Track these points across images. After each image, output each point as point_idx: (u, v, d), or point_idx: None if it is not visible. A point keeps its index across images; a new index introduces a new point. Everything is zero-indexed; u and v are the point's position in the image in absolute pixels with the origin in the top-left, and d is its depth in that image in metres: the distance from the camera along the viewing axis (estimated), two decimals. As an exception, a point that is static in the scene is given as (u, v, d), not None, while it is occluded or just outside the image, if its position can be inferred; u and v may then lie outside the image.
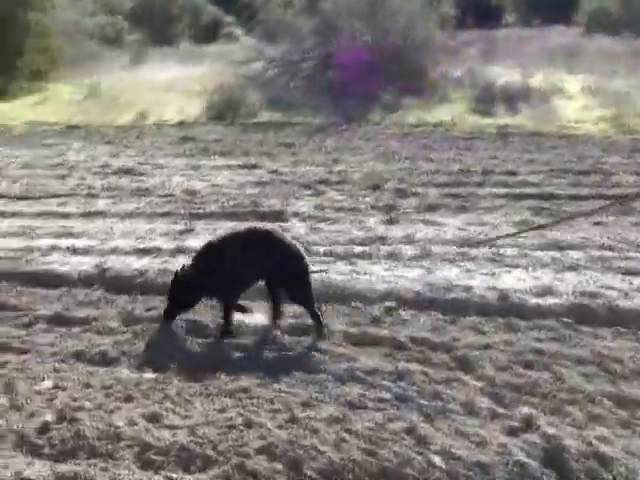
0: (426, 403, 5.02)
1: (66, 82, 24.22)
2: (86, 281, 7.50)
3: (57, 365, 5.68)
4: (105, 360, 5.80)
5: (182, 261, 7.86)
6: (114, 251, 8.42)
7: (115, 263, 7.95)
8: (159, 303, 6.69)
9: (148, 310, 6.70)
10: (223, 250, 6.03)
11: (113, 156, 14.32)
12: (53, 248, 8.57)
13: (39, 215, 10.13)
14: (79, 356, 5.85)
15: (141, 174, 12.49)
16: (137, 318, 6.53)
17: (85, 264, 7.94)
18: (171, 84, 22.55)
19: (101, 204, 10.63)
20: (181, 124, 18.12)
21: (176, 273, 6.14)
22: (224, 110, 18.95)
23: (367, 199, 10.51)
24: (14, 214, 10.17)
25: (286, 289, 6.05)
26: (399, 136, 15.58)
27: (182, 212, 10.00)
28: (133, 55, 28.52)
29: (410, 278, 7.30)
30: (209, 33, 37.78)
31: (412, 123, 17.19)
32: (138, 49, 29.87)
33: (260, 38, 27.59)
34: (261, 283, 6.26)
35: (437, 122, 17.09)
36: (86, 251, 8.47)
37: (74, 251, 8.46)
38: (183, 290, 6.08)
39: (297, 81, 22.29)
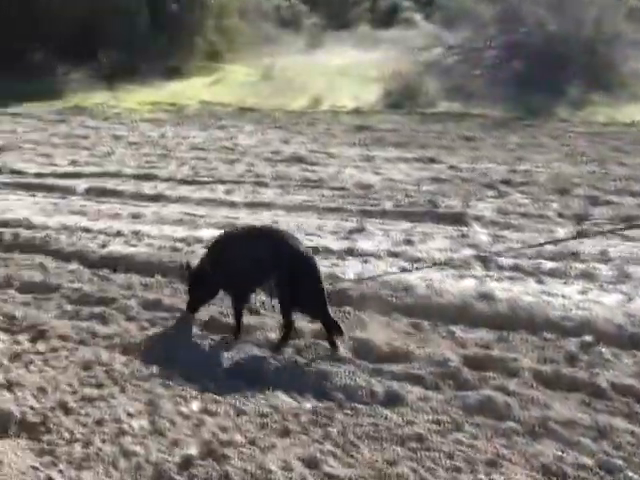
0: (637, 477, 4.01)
1: (242, 63, 24.00)
2: None
3: (207, 383, 4.97)
4: (262, 380, 5.04)
5: (351, 264, 7.15)
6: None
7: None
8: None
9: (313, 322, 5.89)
10: (227, 244, 5.78)
11: (284, 142, 13.73)
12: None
13: (204, 202, 9.59)
14: (234, 374, 5.13)
15: (312, 163, 11.77)
16: (302, 331, 5.74)
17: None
18: (346, 69, 21.88)
19: (269, 194, 9.99)
20: (356, 112, 17.31)
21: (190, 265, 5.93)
22: (401, 98, 17.99)
23: (554, 205, 9.34)
24: (178, 199, 9.70)
25: (294, 293, 5.45)
26: (587, 135, 14.08)
27: (353, 208, 9.17)
28: (309, 38, 28.01)
29: (608, 306, 6.25)
30: (387, 18, 36.86)
31: (601, 122, 15.61)
32: (315, 32, 29.35)
33: (439, 24, 26.43)
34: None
35: (629, 122, 15.41)
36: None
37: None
38: (196, 282, 5.81)
39: (478, 70, 20.97)
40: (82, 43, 20.90)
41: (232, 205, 9.46)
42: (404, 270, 6.97)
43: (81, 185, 10.21)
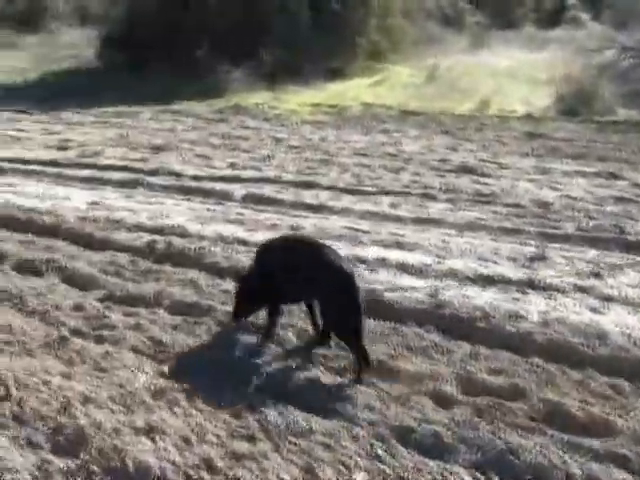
0: None
1: (405, 64, 23.25)
2: (418, 317, 5.91)
3: (376, 446, 4.18)
4: (437, 447, 4.21)
5: (534, 300, 6.25)
6: (450, 275, 6.83)
7: (451, 293, 6.34)
8: (508, 364, 5.09)
9: (495, 373, 5.04)
10: (268, 254, 5.47)
11: (451, 149, 12.90)
12: (382, 262, 7.16)
13: (367, 215, 8.89)
14: (403, 437, 4.30)
15: (483, 175, 10.87)
16: (478, 384, 4.89)
17: (418, 290, 6.40)
18: (513, 71, 20.82)
19: (437, 209, 9.17)
20: (527, 117, 16.20)
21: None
22: (575, 104, 16.71)
23: None
24: (341, 211, 9.01)
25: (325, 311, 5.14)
26: None
27: (532, 230, 8.21)
28: (473, 38, 26.89)
29: None
30: (553, 17, 35.14)
31: None
32: (478, 32, 28.17)
33: (609, 24, 24.72)
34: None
35: None
36: (418, 271, 6.95)
37: (404, 269, 6.98)
38: (242, 290, 5.48)
39: (658, 74, 19.34)
40: (244, 42, 20.76)
41: (397, 220, 8.69)
42: (595, 311, 6.04)
43: (239, 191, 9.73)
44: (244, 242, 7.64)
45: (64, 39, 28.13)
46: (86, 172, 11.01)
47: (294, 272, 5.09)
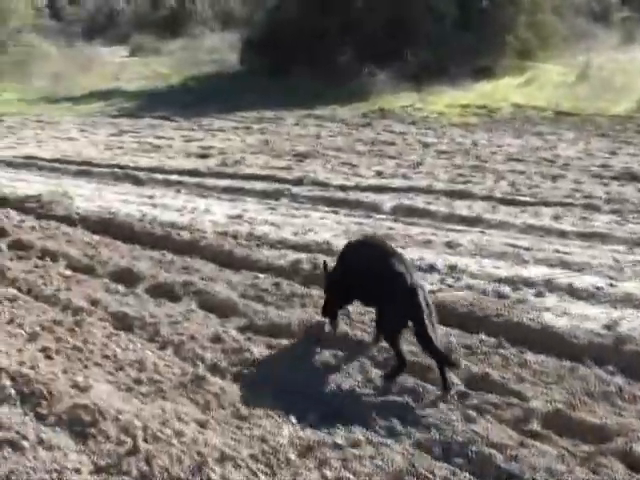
0: None
1: (554, 62, 21.92)
2: (596, 354, 4.99)
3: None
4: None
5: None
6: (626, 301, 5.90)
7: (631, 325, 5.41)
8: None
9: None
10: (347, 252, 5.50)
11: (611, 154, 11.76)
12: (548, 285, 6.29)
13: (528, 229, 7.98)
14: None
15: (649, 183, 9.75)
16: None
17: (592, 320, 5.52)
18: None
19: (602, 221, 8.19)
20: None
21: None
22: None
23: None
24: (500, 224, 8.13)
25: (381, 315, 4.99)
26: None
27: None
28: (623, 33, 25.22)
29: None
30: None
31: None
32: (629, 27, 26.38)
33: None
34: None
35: None
36: (590, 296, 6.05)
37: (573, 293, 6.10)
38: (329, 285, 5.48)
39: None
40: (388, 43, 20.11)
41: (561, 235, 7.74)
42: None
43: (388, 202, 9.01)
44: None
45: (206, 44, 28.35)
46: (227, 182, 10.60)
47: (363, 274, 5.05)
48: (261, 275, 6.58)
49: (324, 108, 17.55)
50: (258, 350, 5.12)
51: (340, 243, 7.23)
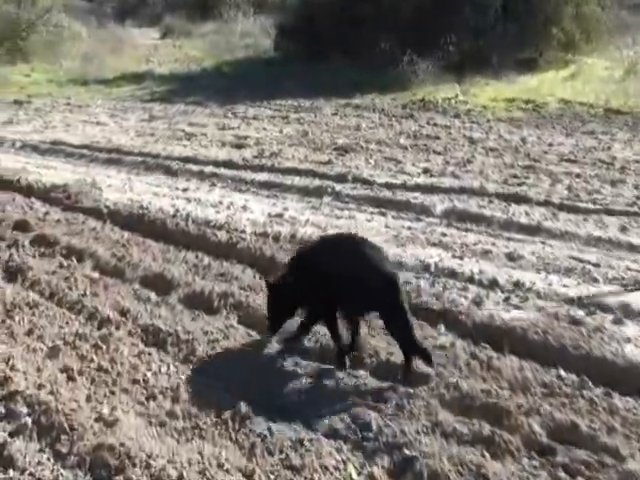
0: None
1: (598, 55, 21.04)
2: None
3: None
4: None
5: None
6: None
7: None
8: None
9: None
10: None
11: (672, 157, 10.97)
12: (625, 310, 5.61)
13: (592, 241, 7.26)
14: None
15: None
16: None
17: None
18: None
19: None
20: None
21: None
22: None
23: None
24: (563, 234, 7.42)
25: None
26: None
27: None
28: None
29: None
30: None
31: None
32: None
33: None
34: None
35: None
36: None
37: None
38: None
39: None
40: (429, 31, 19.31)
41: (631, 249, 7.02)
42: None
43: (438, 205, 8.32)
44: (453, 274, 6.27)
45: (239, 27, 27.62)
46: (264, 176, 9.93)
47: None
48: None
49: (363, 97, 16.84)
50: (308, 380, 4.51)
51: (391, 251, 6.64)
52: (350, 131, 13.10)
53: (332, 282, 4.57)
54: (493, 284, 6.07)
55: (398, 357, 4.61)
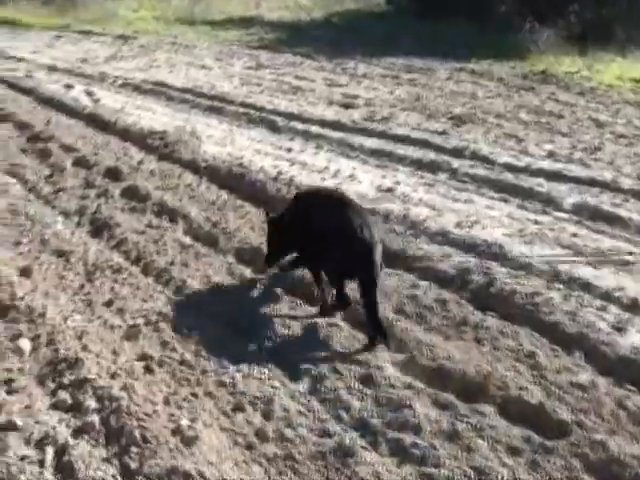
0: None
1: None
2: None
3: None
4: None
5: None
6: None
7: None
8: None
9: None
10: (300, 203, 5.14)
11: None
12: None
13: None
14: None
15: None
16: None
17: None
18: None
19: None
20: None
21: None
22: None
23: None
24: None
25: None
26: None
27: None
28: None
29: None
30: None
31: None
32: None
33: None
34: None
35: None
36: None
37: None
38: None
39: None
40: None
41: None
42: None
43: (567, 197, 7.33)
44: (587, 287, 5.36)
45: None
46: (374, 142, 9.10)
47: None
48: (421, 283, 5.20)
49: (479, 62, 15.72)
50: (421, 408, 3.77)
51: (515, 249, 5.83)
52: (466, 99, 12.11)
53: (313, 236, 4.68)
54: (636, 306, 5.16)
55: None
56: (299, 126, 9.72)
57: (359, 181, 7.51)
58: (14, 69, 13.75)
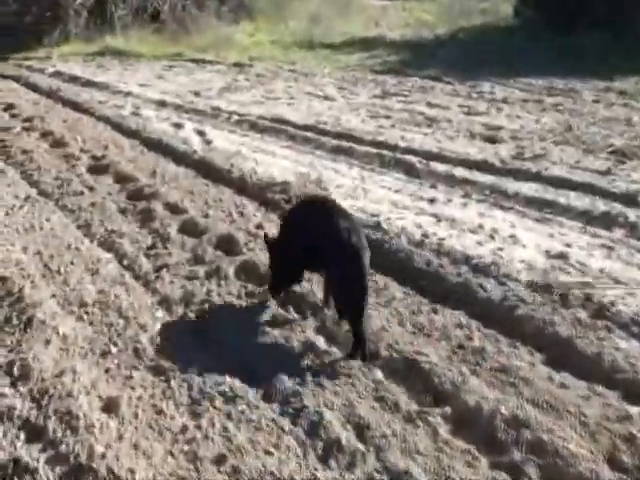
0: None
1: None
2: None
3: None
4: None
5: None
6: None
7: None
8: None
9: None
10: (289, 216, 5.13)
11: None
12: None
13: None
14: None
15: None
16: None
17: None
18: None
19: None
20: None
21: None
22: None
23: None
24: None
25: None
26: None
27: None
28: None
29: None
30: None
31: None
32: None
33: None
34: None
35: None
36: None
37: None
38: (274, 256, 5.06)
39: None
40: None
41: None
42: None
43: None
44: None
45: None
46: (530, 187, 7.70)
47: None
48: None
49: (624, 80, 14.02)
50: None
51: None
52: (622, 127, 10.53)
53: (302, 246, 4.60)
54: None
55: None
56: (440, 168, 8.42)
57: (523, 244, 6.15)
58: (120, 106, 12.81)
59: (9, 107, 13.04)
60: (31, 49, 22.26)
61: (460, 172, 8.24)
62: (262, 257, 5.60)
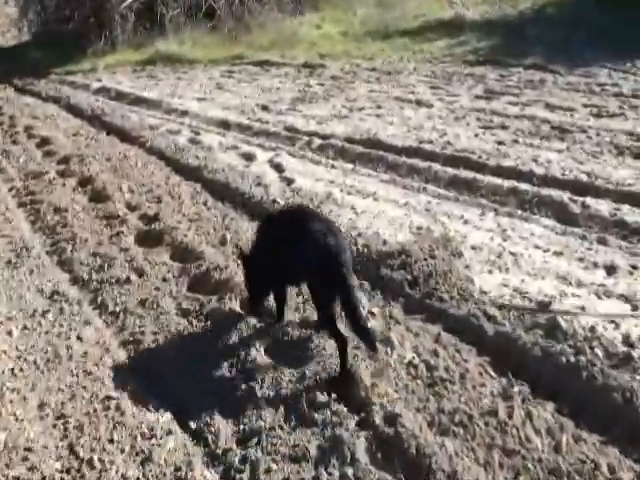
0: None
1: None
2: None
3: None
4: None
5: None
6: None
7: None
8: None
9: None
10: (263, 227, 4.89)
11: None
12: None
13: None
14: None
15: None
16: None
17: None
18: None
19: None
20: None
21: None
22: None
23: None
24: None
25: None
26: None
27: None
28: None
29: None
30: None
31: None
32: None
33: None
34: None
35: None
36: None
37: None
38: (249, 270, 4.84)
39: None
40: None
41: None
42: None
43: None
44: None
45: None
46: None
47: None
48: None
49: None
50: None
51: None
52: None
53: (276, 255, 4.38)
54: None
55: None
56: (601, 208, 6.17)
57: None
58: (176, 131, 10.61)
59: (44, 142, 11.05)
60: (74, 61, 20.65)
61: (631, 215, 6.05)
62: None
